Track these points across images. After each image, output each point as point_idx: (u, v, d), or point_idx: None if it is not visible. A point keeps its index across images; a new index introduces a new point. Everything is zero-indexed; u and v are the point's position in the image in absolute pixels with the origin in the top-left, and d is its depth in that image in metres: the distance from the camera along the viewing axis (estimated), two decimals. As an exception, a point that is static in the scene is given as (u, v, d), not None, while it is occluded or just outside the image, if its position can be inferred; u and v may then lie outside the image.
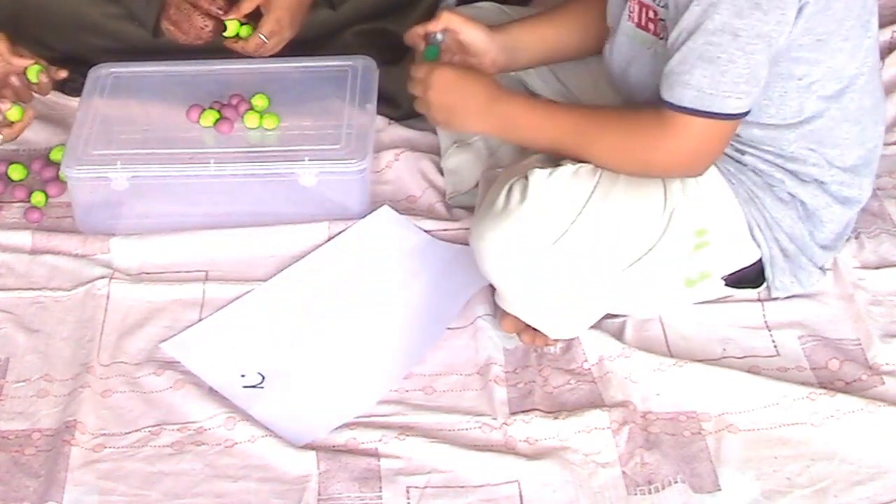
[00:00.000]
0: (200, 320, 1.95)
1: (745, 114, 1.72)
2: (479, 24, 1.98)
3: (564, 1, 2.02)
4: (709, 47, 1.67)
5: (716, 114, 1.70)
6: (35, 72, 2.07)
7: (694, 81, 1.68)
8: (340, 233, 2.06)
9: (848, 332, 1.89)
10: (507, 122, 1.85)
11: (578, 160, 1.80)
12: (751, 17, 1.65)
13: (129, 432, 1.79)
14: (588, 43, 1.99)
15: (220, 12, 2.15)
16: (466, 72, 1.90)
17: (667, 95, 1.71)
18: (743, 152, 1.82)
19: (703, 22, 1.66)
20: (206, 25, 2.16)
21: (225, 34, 2.15)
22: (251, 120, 2.13)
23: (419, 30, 1.97)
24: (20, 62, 2.06)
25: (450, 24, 1.96)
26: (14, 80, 2.06)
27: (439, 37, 1.95)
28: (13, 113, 2.05)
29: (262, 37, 2.12)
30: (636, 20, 1.82)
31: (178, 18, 2.16)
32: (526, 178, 1.77)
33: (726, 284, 1.90)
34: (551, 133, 1.82)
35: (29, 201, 2.15)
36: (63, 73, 2.10)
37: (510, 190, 1.77)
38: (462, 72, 1.89)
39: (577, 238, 1.76)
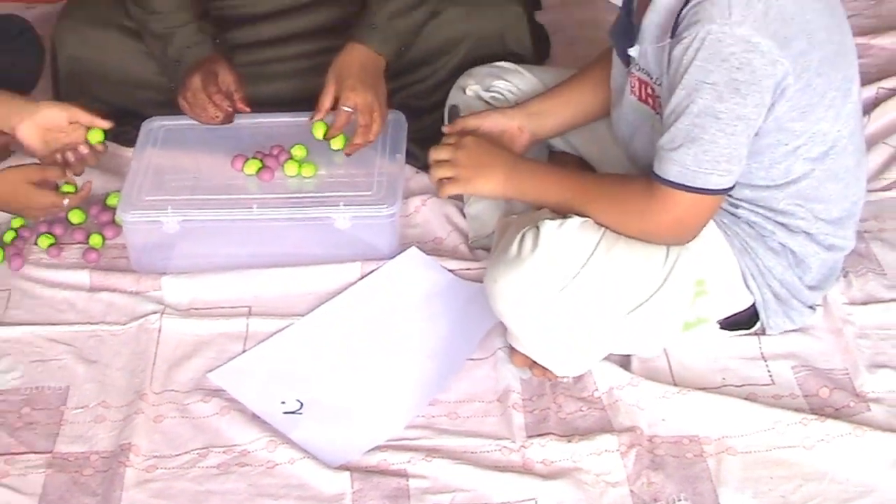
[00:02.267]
0: (244, 352, 2.00)
1: (730, 189, 1.75)
2: (487, 111, 2.05)
3: (584, 67, 2.06)
4: (693, 129, 1.70)
5: (699, 189, 1.73)
6: (99, 135, 2.10)
7: (679, 158, 1.72)
8: (372, 272, 2.11)
9: (837, 363, 1.94)
10: (522, 189, 1.92)
11: None
12: (730, 101, 1.68)
13: (179, 454, 1.85)
14: (608, 105, 2.01)
15: (231, 109, 2.16)
16: (493, 143, 1.97)
17: (657, 169, 1.75)
18: (737, 206, 1.86)
19: (689, 105, 1.70)
20: (218, 116, 2.18)
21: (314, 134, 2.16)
22: (291, 168, 2.17)
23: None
24: (101, 123, 2.08)
25: (466, 128, 2.02)
26: (81, 148, 2.09)
27: None
28: (67, 186, 2.13)
29: (347, 108, 2.10)
30: (637, 94, 1.85)
31: (193, 103, 2.17)
32: (537, 227, 1.81)
33: (721, 328, 1.93)
34: (556, 199, 1.87)
35: (87, 243, 2.21)
36: (101, 148, 2.13)
37: (523, 238, 1.81)
38: (489, 142, 1.96)
39: (583, 286, 1.80)
